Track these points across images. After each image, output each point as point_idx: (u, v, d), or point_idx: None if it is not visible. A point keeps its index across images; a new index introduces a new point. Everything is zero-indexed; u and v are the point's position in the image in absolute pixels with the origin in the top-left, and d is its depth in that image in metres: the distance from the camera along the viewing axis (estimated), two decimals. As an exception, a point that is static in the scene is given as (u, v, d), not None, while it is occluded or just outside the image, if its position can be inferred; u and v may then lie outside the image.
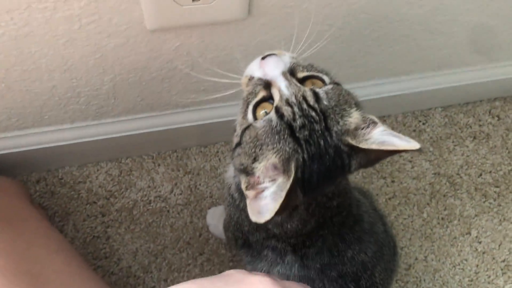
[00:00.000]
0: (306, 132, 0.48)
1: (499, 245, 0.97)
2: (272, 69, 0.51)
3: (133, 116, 0.89)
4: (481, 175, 1.04)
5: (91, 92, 0.78)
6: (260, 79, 0.51)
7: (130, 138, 0.91)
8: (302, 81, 0.51)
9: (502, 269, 0.96)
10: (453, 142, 1.06)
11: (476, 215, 1.00)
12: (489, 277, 0.95)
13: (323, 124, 0.48)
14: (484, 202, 1.01)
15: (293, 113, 0.48)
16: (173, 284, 0.90)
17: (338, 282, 0.61)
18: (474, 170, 1.04)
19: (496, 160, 1.05)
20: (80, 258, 0.78)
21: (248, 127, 0.50)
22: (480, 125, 1.08)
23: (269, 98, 0.50)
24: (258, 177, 0.49)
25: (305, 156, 0.48)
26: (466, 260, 0.96)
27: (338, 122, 0.49)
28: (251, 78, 0.53)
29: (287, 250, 0.60)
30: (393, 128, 1.04)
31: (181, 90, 0.83)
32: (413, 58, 0.92)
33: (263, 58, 0.52)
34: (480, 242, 0.97)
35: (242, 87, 0.55)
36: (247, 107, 0.51)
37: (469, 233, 0.98)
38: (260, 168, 0.48)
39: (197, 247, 0.93)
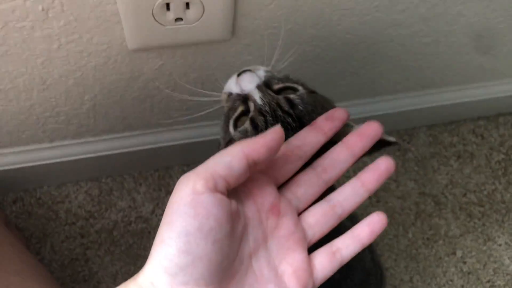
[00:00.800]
0: None
1: (484, 265, 0.97)
2: (248, 83, 0.52)
3: (114, 135, 0.87)
4: (465, 194, 1.04)
5: (71, 111, 0.76)
6: (238, 94, 0.52)
7: (110, 158, 0.89)
8: (278, 92, 0.52)
9: (487, 290, 0.95)
10: (437, 161, 1.06)
11: (461, 235, 0.99)
12: (475, 298, 0.94)
13: (299, 130, 0.48)
14: (469, 221, 1.01)
15: (266, 121, 0.48)
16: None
17: None
18: (458, 190, 1.04)
19: (480, 180, 1.05)
20: (56, 286, 0.76)
21: (230, 140, 0.51)
22: (464, 144, 1.09)
23: (247, 112, 0.51)
24: None
25: None
26: (451, 280, 0.95)
27: None
28: (229, 95, 0.54)
29: None
30: (378, 148, 1.05)
31: (163, 109, 0.82)
32: (398, 78, 0.92)
33: (239, 75, 0.53)
34: (465, 263, 0.97)
35: (222, 104, 0.55)
36: (229, 122, 0.52)
37: (454, 253, 0.98)
38: None
39: (179, 270, 0.90)
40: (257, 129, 0.48)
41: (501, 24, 0.81)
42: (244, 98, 0.51)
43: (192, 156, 0.96)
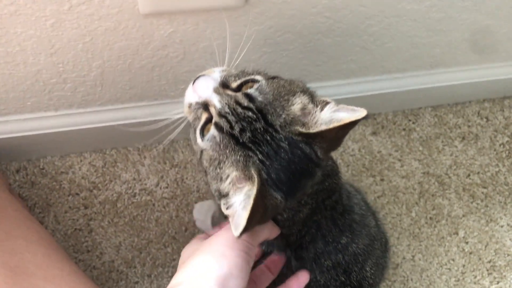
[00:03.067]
0: (249, 134, 0.48)
1: (486, 246, 0.98)
2: (204, 89, 0.51)
3: (120, 106, 0.86)
4: (469, 175, 1.04)
5: (78, 79, 0.75)
6: (197, 103, 0.52)
7: (116, 128, 0.88)
8: (238, 89, 0.52)
9: (488, 270, 0.96)
10: (442, 142, 1.06)
11: (463, 216, 1.00)
12: (475, 277, 0.95)
13: (263, 121, 0.48)
14: (471, 202, 1.01)
15: (229, 122, 0.48)
16: (156, 280, 0.87)
17: (330, 273, 0.60)
18: (462, 171, 1.04)
19: (484, 161, 1.05)
20: (61, 251, 0.75)
21: (202, 152, 0.51)
22: (469, 126, 1.09)
23: (211, 118, 0.51)
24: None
25: (260, 156, 0.47)
26: (453, 260, 0.96)
27: (280, 115, 0.48)
28: (190, 105, 0.53)
29: (283, 244, 0.59)
30: (383, 127, 1.05)
31: (170, 80, 0.81)
32: (407, 56, 0.91)
33: (194, 82, 0.53)
34: (467, 243, 0.97)
35: (186, 116, 0.55)
36: (195, 132, 0.52)
37: (457, 233, 0.98)
38: (227, 187, 0.48)
39: (182, 242, 0.90)
40: (223, 132, 0.48)
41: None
42: (205, 105, 0.51)
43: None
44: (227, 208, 0.49)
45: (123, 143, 0.96)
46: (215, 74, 0.53)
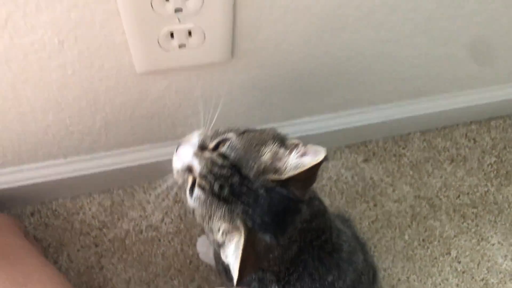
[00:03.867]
0: (227, 189, 0.53)
1: (478, 265, 1.02)
2: (185, 156, 0.58)
3: (125, 150, 0.92)
4: (459, 196, 1.08)
5: (84, 130, 0.82)
6: (183, 168, 0.58)
7: (122, 170, 0.94)
8: (216, 148, 0.57)
9: None
10: (432, 165, 1.11)
11: (455, 236, 1.04)
12: (470, 295, 0.99)
13: (238, 175, 0.53)
14: (462, 223, 1.06)
15: (209, 181, 0.54)
16: (165, 311, 0.92)
17: None
18: (452, 192, 1.09)
19: (473, 182, 1.10)
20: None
21: (194, 210, 0.57)
22: (457, 148, 1.14)
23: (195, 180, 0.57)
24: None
25: (242, 207, 0.53)
26: (446, 279, 1.00)
27: (252, 167, 0.54)
28: (177, 171, 0.59)
29: (271, 280, 0.64)
30: (374, 153, 1.10)
31: (169, 125, 0.88)
32: (390, 88, 0.97)
33: (176, 150, 0.60)
34: (459, 262, 1.02)
35: (177, 181, 0.61)
36: (185, 194, 0.58)
37: (449, 253, 1.02)
38: (221, 238, 0.54)
39: (188, 275, 0.96)
40: (205, 191, 0.54)
41: (491, 36, 0.87)
42: (189, 169, 0.57)
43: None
44: (226, 258, 0.54)
45: (129, 183, 1.02)
46: (194, 140, 0.59)
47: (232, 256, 0.52)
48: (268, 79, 0.82)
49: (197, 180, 0.55)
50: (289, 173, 0.53)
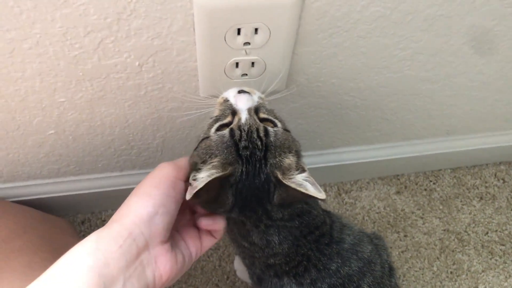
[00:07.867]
0: (248, 152, 0.58)
1: (505, 300, 1.05)
2: (242, 104, 0.63)
3: (174, 167, 1.00)
4: (487, 233, 1.12)
5: (143, 146, 0.90)
6: (231, 105, 0.64)
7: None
8: (262, 121, 0.63)
9: (507, 323, 1.03)
10: (461, 201, 1.15)
11: (483, 271, 1.07)
12: (496, 330, 1.02)
13: (263, 153, 0.59)
14: (490, 259, 1.09)
15: (241, 136, 0.59)
16: (202, 322, 0.97)
17: None
18: (481, 228, 1.12)
19: (501, 220, 1.14)
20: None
21: (207, 137, 0.61)
22: (486, 187, 1.18)
23: (230, 124, 0.62)
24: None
25: (243, 169, 0.58)
26: (473, 313, 1.03)
27: (275, 157, 0.59)
28: (226, 100, 0.65)
29: (282, 273, 0.70)
30: (405, 187, 1.15)
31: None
32: (425, 125, 1.03)
33: (239, 92, 0.65)
34: (486, 297, 1.05)
35: (215, 105, 0.66)
36: (214, 124, 0.63)
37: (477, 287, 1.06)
38: (205, 167, 0.58)
39: (225, 289, 1.01)
40: (232, 138, 0.59)
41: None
42: (234, 112, 0.63)
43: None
44: (193, 180, 0.58)
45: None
46: (255, 97, 0.64)
47: (203, 179, 0.55)
48: (315, 109, 0.89)
49: (233, 126, 0.60)
50: (291, 183, 0.58)
